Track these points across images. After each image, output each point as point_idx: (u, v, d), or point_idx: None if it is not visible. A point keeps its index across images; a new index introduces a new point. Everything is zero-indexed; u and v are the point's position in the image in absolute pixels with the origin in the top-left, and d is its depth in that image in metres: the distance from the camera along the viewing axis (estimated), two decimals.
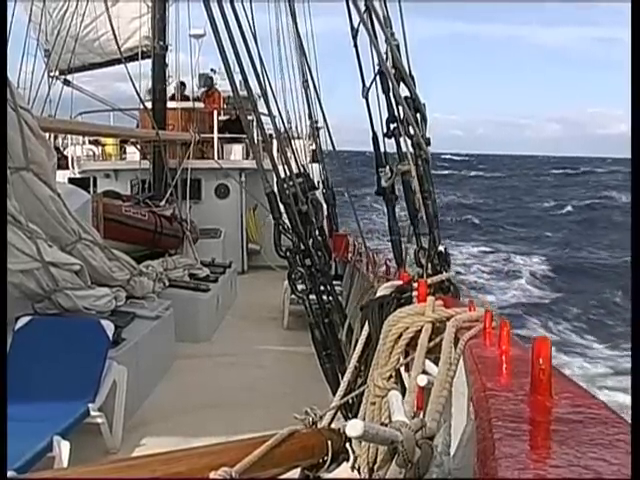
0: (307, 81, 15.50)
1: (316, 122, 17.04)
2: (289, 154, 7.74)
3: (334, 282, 6.31)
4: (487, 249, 38.47)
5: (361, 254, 10.84)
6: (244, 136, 16.78)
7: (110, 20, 11.37)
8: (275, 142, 9.31)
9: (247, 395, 7.40)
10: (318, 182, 16.70)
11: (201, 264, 11.82)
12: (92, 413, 5.37)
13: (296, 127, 18.88)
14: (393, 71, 4.26)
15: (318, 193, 15.14)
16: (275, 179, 5.56)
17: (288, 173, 5.49)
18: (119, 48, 12.76)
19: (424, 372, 2.51)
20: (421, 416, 2.43)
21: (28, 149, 6.62)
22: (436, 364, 2.61)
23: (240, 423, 6.40)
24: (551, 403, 1.52)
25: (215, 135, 16.38)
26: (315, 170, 17.36)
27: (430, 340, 2.73)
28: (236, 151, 17.05)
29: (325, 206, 15.84)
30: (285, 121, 13.46)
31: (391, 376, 2.80)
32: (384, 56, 4.38)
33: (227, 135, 16.87)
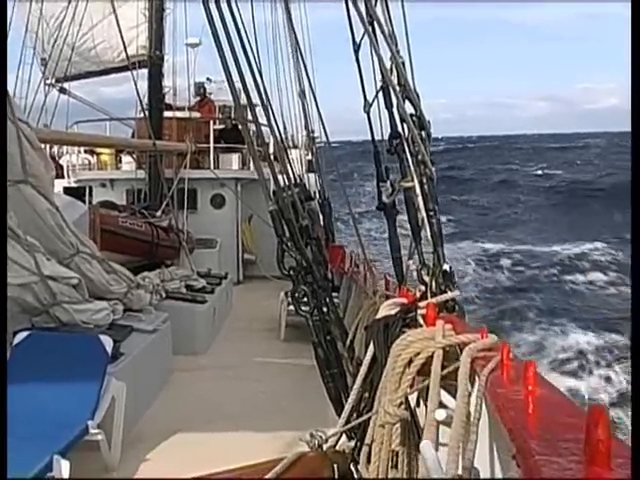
0: (304, 91, 15.52)
1: (312, 132, 17.04)
2: (287, 164, 7.70)
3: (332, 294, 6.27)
4: None
5: (358, 266, 10.81)
6: (240, 146, 16.78)
7: (118, 25, 11.41)
8: (274, 152, 9.30)
9: (245, 409, 7.35)
10: (314, 192, 16.69)
11: (197, 275, 11.78)
12: (91, 431, 5.30)
13: (292, 137, 18.87)
14: (398, 88, 4.24)
15: (314, 203, 15.16)
16: (273, 189, 5.52)
17: (287, 182, 5.45)
18: (127, 55, 12.89)
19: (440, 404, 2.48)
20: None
21: (26, 162, 6.60)
22: (449, 392, 2.58)
23: (240, 438, 6.35)
24: (610, 475, 1.46)
25: (211, 145, 16.35)
26: (311, 180, 17.36)
27: (442, 367, 2.70)
28: (232, 161, 17.02)
29: (321, 216, 15.82)
30: (282, 131, 13.44)
31: (401, 403, 2.77)
32: (389, 72, 4.36)
33: (223, 145, 16.83)
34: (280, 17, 16.72)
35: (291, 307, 10.54)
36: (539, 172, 70.23)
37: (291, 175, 6.19)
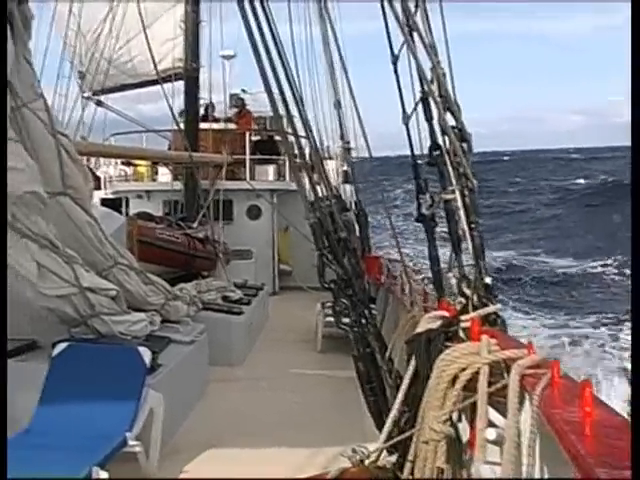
0: (339, 101, 15.49)
1: (347, 142, 17.00)
2: (324, 175, 7.70)
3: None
4: None
5: (395, 277, 10.74)
6: (276, 157, 16.83)
7: (148, 41, 11.50)
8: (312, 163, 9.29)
9: (282, 421, 7.30)
10: (350, 203, 16.67)
11: (234, 286, 11.79)
12: (129, 442, 5.31)
13: (327, 147, 18.86)
14: (439, 99, 4.19)
15: (350, 214, 15.12)
16: (311, 200, 5.49)
17: (326, 193, 5.42)
18: (157, 70, 12.94)
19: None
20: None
21: (65, 174, 6.64)
22: (496, 410, 2.52)
23: (277, 451, 6.31)
24: None
25: (247, 156, 16.40)
26: (347, 191, 17.33)
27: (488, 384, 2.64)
28: (268, 172, 17.06)
29: (357, 227, 15.77)
30: (318, 141, 13.40)
31: (446, 420, 2.72)
32: (429, 84, 4.32)
33: (259, 156, 16.88)
34: (315, 24, 16.68)
35: (327, 318, 10.53)
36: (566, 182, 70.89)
37: (328, 187, 6.17)
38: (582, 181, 70.44)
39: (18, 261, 5.99)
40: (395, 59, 5.18)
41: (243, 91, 22.22)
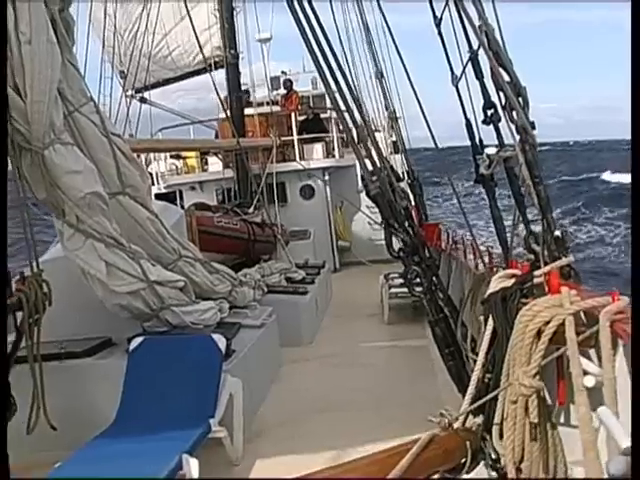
0: (381, 72, 15.40)
1: (394, 112, 16.88)
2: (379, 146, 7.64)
3: None
4: None
5: (456, 242, 10.67)
6: (323, 135, 16.81)
7: (194, 28, 11.65)
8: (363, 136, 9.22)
9: (360, 395, 7.33)
10: (402, 173, 16.60)
11: (296, 266, 11.86)
12: (214, 428, 5.40)
13: (373, 120, 18.76)
14: (491, 54, 4.11)
15: (403, 184, 15.08)
16: (361, 174, 5.47)
17: (380, 165, 5.39)
18: (204, 56, 13.09)
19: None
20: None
21: (122, 173, 6.72)
22: (586, 357, 2.48)
23: (358, 425, 6.35)
24: None
25: (295, 137, 16.40)
26: (397, 161, 17.23)
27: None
28: (317, 150, 17.04)
29: (412, 196, 15.70)
30: (365, 114, 13.31)
31: (536, 373, 2.70)
32: (479, 40, 4.24)
33: (307, 136, 16.86)
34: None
35: (392, 290, 10.53)
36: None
37: (383, 157, 6.14)
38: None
39: (87, 262, 6.11)
40: (439, 21, 5.11)
41: (283, 73, 22.26)
